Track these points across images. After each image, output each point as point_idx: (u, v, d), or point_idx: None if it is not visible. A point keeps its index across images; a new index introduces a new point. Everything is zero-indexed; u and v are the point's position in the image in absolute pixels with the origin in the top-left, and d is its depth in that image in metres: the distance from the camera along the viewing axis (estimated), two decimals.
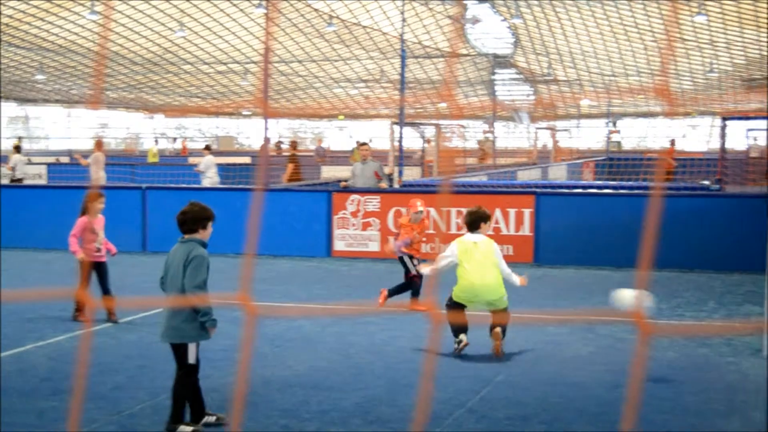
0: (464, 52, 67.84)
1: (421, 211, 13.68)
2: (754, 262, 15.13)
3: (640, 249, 1.90)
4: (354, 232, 19.24)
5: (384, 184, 19.97)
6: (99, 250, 12.52)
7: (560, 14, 59.50)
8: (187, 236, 8.00)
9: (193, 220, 8.01)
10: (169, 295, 8.00)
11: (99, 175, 26.39)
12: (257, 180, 30.16)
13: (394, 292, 13.50)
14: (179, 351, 7.93)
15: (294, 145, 29.63)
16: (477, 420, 8.42)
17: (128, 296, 13.89)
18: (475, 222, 10.99)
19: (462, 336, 10.72)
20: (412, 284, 13.50)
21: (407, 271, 13.53)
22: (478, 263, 10.70)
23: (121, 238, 19.08)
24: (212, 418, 8.10)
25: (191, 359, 7.95)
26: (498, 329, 10.72)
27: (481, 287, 10.67)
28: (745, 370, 10.25)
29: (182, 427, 7.96)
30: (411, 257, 13.52)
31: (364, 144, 20.98)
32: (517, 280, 10.96)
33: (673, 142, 40.48)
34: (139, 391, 9.26)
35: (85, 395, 8.82)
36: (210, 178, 26.15)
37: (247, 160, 45.07)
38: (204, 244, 8.01)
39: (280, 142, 64.53)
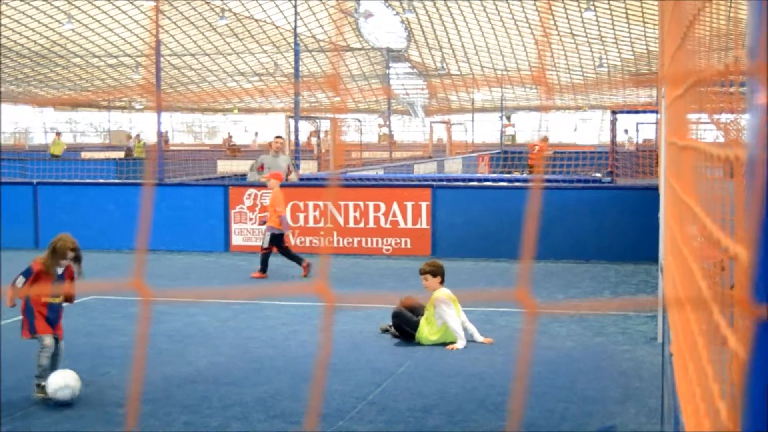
0: (358, 46, 67.96)
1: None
2: (647, 252, 15.47)
3: (524, 241, 1.90)
4: (251, 226, 19.10)
5: (294, 177, 19.75)
6: None
7: (452, 9, 60.02)
8: None
9: None
10: None
11: None
12: (147, 174, 29.60)
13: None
14: None
15: None
16: (378, 412, 8.43)
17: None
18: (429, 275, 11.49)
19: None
20: None
21: None
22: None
23: (13, 234, 18.75)
24: None
25: None
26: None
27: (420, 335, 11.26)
28: (640, 358, 10.46)
29: None
30: None
31: (279, 137, 20.80)
32: (460, 342, 11.05)
33: (545, 138, 40.40)
34: None
35: None
36: None
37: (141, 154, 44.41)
38: None
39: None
